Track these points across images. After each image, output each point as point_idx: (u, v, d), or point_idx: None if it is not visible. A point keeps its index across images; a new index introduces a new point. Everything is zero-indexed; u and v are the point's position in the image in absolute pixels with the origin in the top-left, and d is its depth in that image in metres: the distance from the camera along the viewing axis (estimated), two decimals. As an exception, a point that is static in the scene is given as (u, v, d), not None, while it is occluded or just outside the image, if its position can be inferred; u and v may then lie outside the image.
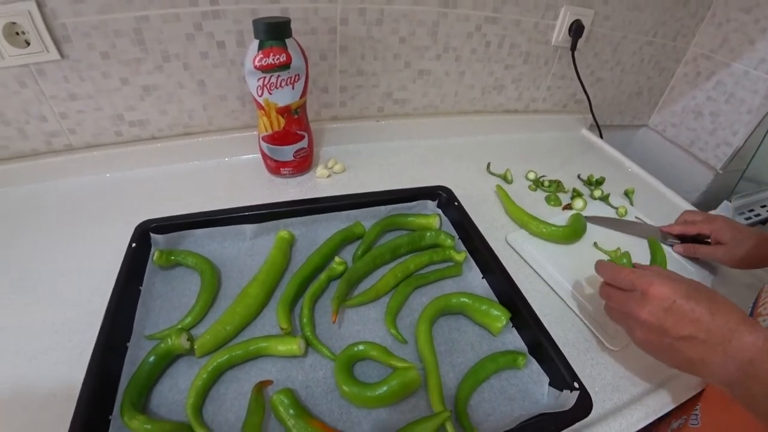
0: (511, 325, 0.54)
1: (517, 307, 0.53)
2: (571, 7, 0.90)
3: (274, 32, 0.61)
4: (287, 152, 0.74)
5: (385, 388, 0.44)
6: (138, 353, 0.48)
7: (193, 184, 0.77)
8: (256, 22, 0.61)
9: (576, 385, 0.46)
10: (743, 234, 0.65)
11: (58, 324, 0.53)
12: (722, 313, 0.42)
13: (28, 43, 0.64)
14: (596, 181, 0.89)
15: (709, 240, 0.70)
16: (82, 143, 0.77)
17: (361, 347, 0.48)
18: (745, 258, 0.64)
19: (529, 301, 0.54)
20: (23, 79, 0.67)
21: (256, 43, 0.62)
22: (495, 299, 0.56)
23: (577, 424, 0.44)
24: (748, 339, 0.39)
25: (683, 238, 0.74)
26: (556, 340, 0.50)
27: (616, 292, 0.50)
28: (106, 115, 0.75)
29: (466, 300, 0.54)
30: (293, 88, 0.67)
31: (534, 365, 0.51)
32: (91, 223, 0.68)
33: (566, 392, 0.46)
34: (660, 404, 0.51)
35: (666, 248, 0.73)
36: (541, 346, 0.50)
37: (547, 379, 0.49)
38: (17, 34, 0.64)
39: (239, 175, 0.80)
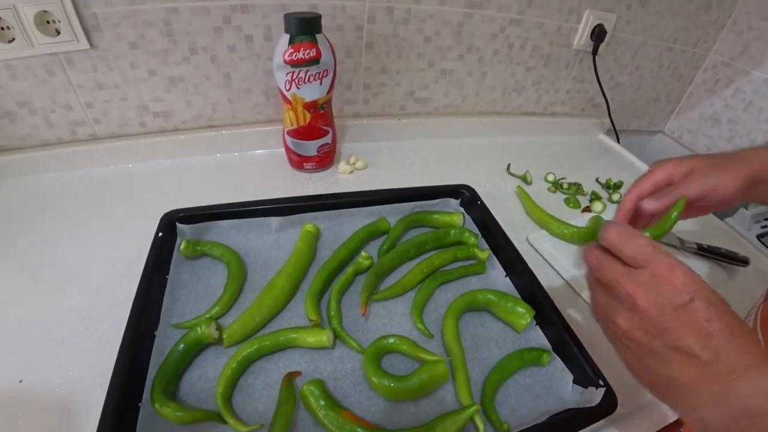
0: (534, 322, 0.54)
1: (541, 305, 0.54)
2: (594, 11, 0.90)
3: (306, 27, 0.62)
4: (311, 147, 0.75)
5: (414, 381, 0.45)
6: (165, 342, 0.48)
7: (215, 177, 0.77)
8: (287, 17, 0.62)
9: (601, 382, 0.46)
10: (709, 159, 0.49)
11: (84, 311, 0.53)
12: (744, 340, 0.31)
13: (59, 32, 0.65)
14: (614, 184, 0.90)
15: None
16: (107, 133, 0.78)
17: (391, 340, 0.48)
18: (740, 165, 0.47)
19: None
20: (52, 67, 0.68)
21: (286, 37, 0.63)
22: (519, 297, 0.56)
23: (602, 421, 0.44)
24: (762, 386, 0.29)
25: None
26: (579, 339, 0.50)
27: (614, 263, 0.36)
28: (132, 105, 0.76)
29: (492, 297, 0.54)
30: (321, 84, 0.67)
31: (558, 362, 0.51)
32: (113, 213, 0.68)
33: (591, 389, 0.46)
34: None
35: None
36: (566, 343, 0.50)
37: (571, 376, 0.49)
38: (48, 22, 0.64)
39: (261, 169, 0.80)
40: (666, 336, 0.32)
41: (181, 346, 0.46)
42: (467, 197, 0.69)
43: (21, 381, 0.46)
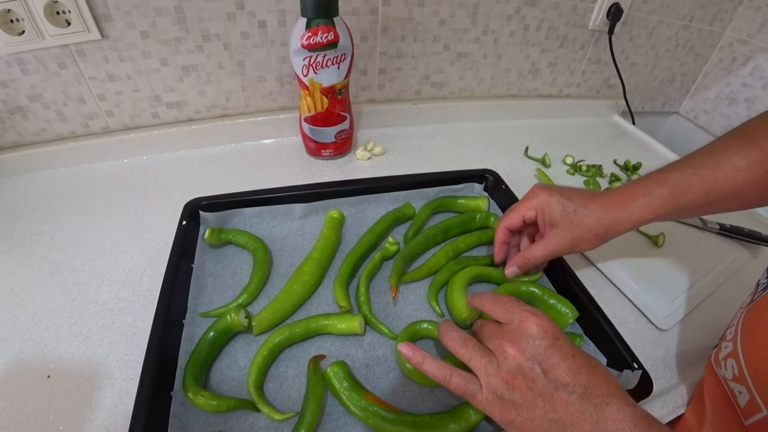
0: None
1: (573, 290, 0.53)
2: (611, -11, 0.89)
3: (323, 10, 0.60)
4: (329, 134, 0.73)
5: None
6: (194, 330, 0.48)
7: (232, 167, 0.76)
8: (304, 0, 0.60)
9: (636, 365, 0.45)
10: (575, 200, 0.49)
11: (109, 304, 0.53)
12: (601, 371, 0.35)
13: (69, 23, 0.64)
14: (633, 166, 0.88)
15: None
16: (120, 125, 0.77)
17: (425, 325, 0.47)
18: (593, 232, 0.48)
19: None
20: (63, 60, 0.67)
21: (302, 21, 0.61)
22: (552, 287, 0.55)
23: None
24: (624, 411, 0.32)
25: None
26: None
27: (490, 323, 0.40)
28: (144, 96, 0.75)
29: (536, 290, 0.52)
30: (339, 68, 0.66)
31: (590, 346, 0.50)
32: (131, 206, 0.67)
33: (627, 372, 0.45)
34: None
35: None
36: (599, 326, 0.49)
37: (605, 360, 0.48)
38: (58, 13, 0.63)
39: (277, 158, 0.79)
40: (546, 374, 0.34)
41: (211, 334, 0.45)
42: (491, 182, 0.68)
43: (49, 377, 0.45)
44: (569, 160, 0.87)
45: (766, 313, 0.40)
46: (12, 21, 0.61)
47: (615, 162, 0.91)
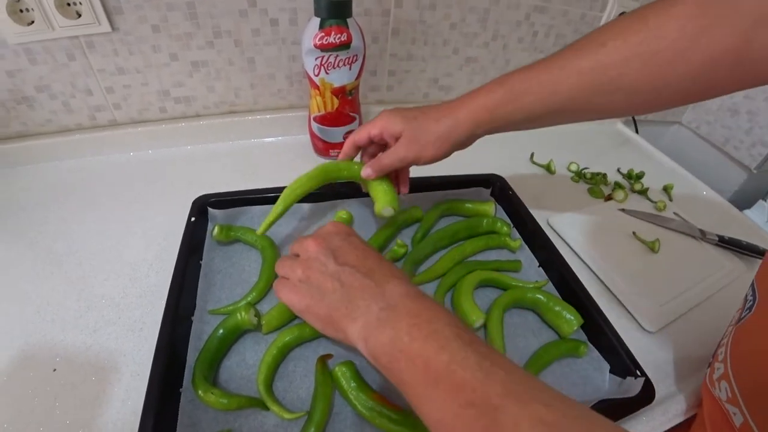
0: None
1: (576, 296, 0.53)
2: (619, -2, 0.89)
3: (337, 11, 0.61)
4: (338, 133, 0.73)
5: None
6: (202, 327, 0.48)
7: (239, 164, 0.76)
8: (318, 0, 0.60)
9: (638, 372, 0.46)
10: (416, 111, 0.50)
11: (116, 299, 0.53)
12: (387, 264, 0.41)
13: (80, 15, 0.63)
14: (636, 175, 0.89)
15: None
16: (127, 119, 0.77)
17: None
18: (434, 135, 0.49)
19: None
20: (72, 51, 0.67)
21: (316, 21, 0.61)
22: (557, 294, 0.56)
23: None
24: (401, 287, 0.37)
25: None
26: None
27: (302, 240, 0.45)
28: (153, 90, 0.74)
29: (541, 297, 0.53)
30: (350, 69, 0.66)
31: (594, 353, 0.50)
32: (137, 200, 0.67)
33: (629, 379, 0.46)
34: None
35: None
36: (603, 333, 0.50)
37: (608, 366, 0.49)
38: (69, 4, 0.63)
39: (284, 156, 0.79)
40: (336, 257, 0.40)
41: (221, 331, 0.45)
42: (498, 187, 0.68)
43: (55, 370, 0.45)
44: (573, 167, 0.87)
45: (754, 336, 0.40)
46: (22, 11, 0.61)
47: (618, 170, 0.91)
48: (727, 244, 0.72)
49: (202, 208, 0.58)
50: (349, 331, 0.37)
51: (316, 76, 0.65)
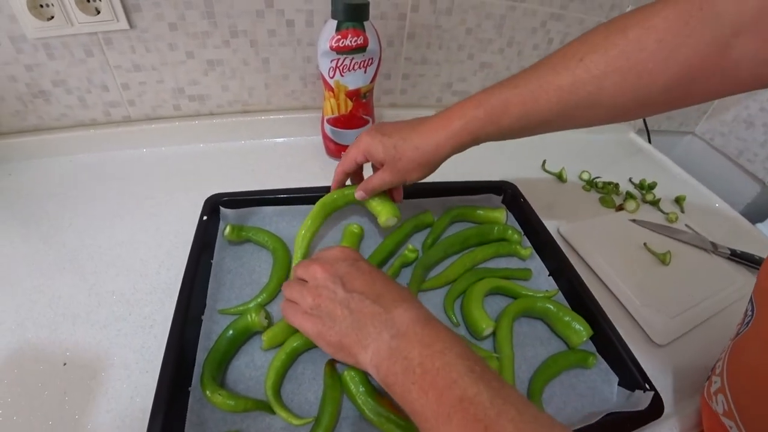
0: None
1: (588, 307, 0.53)
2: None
3: (354, 14, 0.60)
4: (350, 136, 0.73)
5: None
6: (212, 327, 0.48)
7: (250, 163, 0.77)
8: (336, 2, 0.60)
9: (647, 386, 0.45)
10: (396, 136, 0.49)
11: (127, 295, 0.53)
12: (394, 286, 0.41)
13: (99, 11, 0.64)
14: (648, 185, 0.88)
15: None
16: (141, 115, 0.77)
17: None
18: (415, 162, 0.49)
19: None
20: (90, 47, 0.67)
21: (332, 23, 0.62)
22: (566, 303, 0.55)
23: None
24: (411, 312, 0.37)
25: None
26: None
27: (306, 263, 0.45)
28: (168, 88, 0.75)
29: (551, 307, 0.53)
30: (365, 72, 0.66)
31: (603, 364, 0.50)
32: (149, 196, 0.68)
33: (638, 392, 0.45)
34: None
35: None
36: (613, 346, 0.49)
37: (616, 379, 0.49)
38: (88, 1, 0.63)
39: (296, 157, 0.79)
40: (344, 284, 0.40)
41: (231, 332, 0.46)
42: (509, 194, 0.68)
43: (65, 364, 0.45)
44: (585, 176, 0.87)
45: (749, 350, 0.39)
46: (42, 6, 0.61)
47: (630, 180, 0.91)
48: (740, 258, 0.71)
49: (214, 207, 0.58)
50: (361, 358, 0.38)
51: (331, 78, 0.66)
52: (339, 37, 0.61)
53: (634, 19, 0.39)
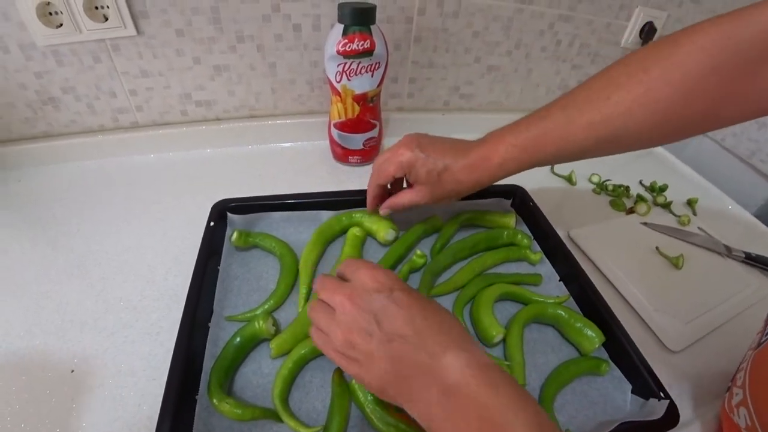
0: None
1: (600, 313, 0.52)
2: (645, 8, 0.87)
3: (361, 18, 0.60)
4: (357, 140, 0.73)
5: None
6: (219, 333, 0.48)
7: (257, 168, 0.76)
8: (342, 6, 0.60)
9: (662, 394, 0.44)
10: (440, 161, 0.50)
11: (134, 302, 0.53)
12: (437, 319, 0.35)
13: (107, 18, 0.64)
14: (659, 187, 0.87)
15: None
16: (148, 121, 0.77)
17: None
18: (454, 192, 0.51)
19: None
20: (98, 54, 0.67)
21: (339, 27, 0.61)
22: (577, 309, 0.54)
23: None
24: (461, 359, 0.32)
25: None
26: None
27: (331, 278, 0.40)
28: (175, 93, 0.75)
29: (562, 313, 0.52)
30: (372, 76, 0.65)
31: (616, 372, 0.49)
32: (157, 202, 0.68)
33: (653, 401, 0.44)
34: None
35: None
36: (627, 353, 0.48)
37: (629, 386, 0.48)
38: (96, 8, 0.63)
39: (303, 161, 0.79)
40: (380, 323, 0.34)
41: (238, 339, 0.45)
42: (519, 198, 0.67)
43: (72, 371, 0.45)
44: (595, 179, 0.86)
45: None
46: (51, 14, 0.62)
47: (641, 183, 0.89)
48: (754, 261, 0.69)
49: (221, 212, 0.58)
50: (407, 408, 0.34)
51: (338, 82, 0.65)
52: (346, 41, 0.61)
53: (659, 53, 0.41)
